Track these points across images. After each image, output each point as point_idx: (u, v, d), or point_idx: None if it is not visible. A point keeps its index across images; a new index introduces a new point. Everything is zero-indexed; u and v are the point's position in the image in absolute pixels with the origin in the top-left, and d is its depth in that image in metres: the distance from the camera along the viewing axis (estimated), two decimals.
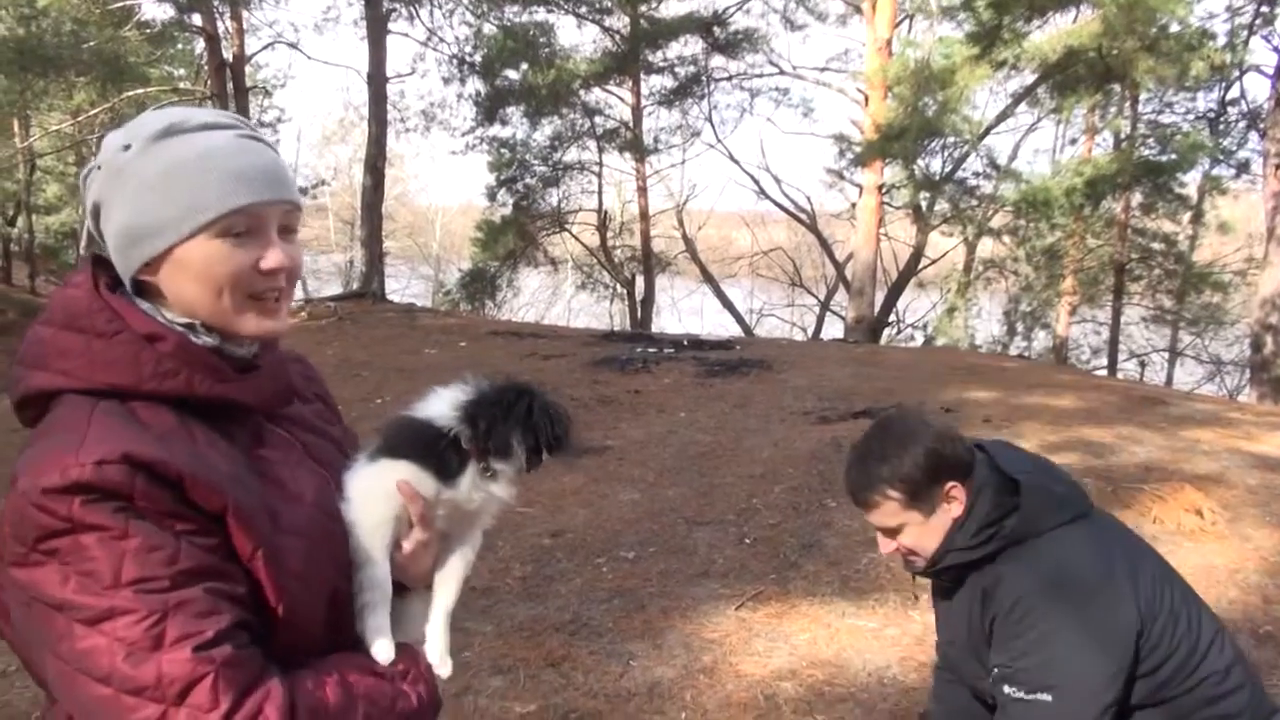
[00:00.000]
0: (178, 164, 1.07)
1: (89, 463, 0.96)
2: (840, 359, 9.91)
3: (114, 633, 0.94)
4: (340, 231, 35.91)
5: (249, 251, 1.09)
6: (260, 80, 21.33)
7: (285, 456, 1.18)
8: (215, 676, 0.95)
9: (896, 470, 1.86)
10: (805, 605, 4.19)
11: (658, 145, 20.65)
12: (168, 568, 0.97)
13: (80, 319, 1.08)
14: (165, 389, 1.07)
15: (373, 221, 15.66)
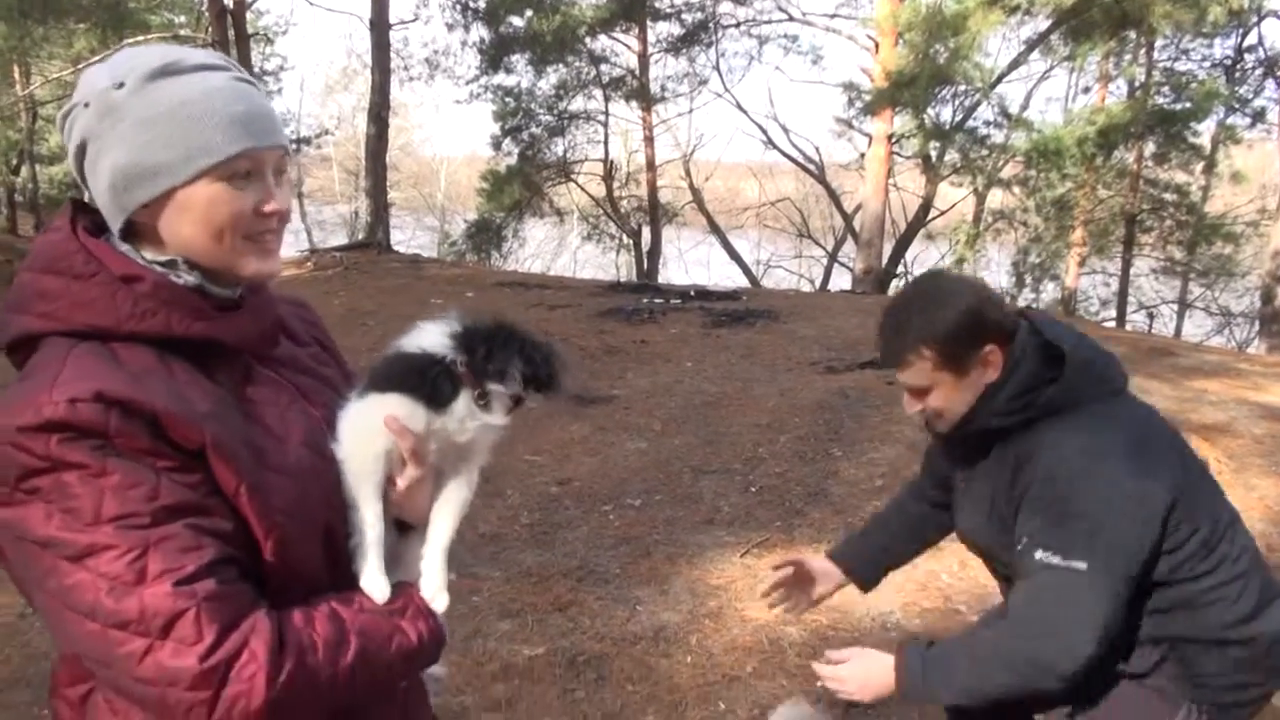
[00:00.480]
0: (179, 105, 1.05)
1: (62, 400, 0.97)
2: (847, 310, 9.88)
3: (97, 568, 0.95)
4: (345, 182, 35.69)
5: (249, 195, 1.10)
6: (261, 27, 21.05)
7: (275, 397, 1.17)
8: (197, 611, 0.96)
9: (934, 329, 1.77)
10: (810, 552, 4.19)
11: (664, 94, 20.39)
12: (148, 503, 0.97)
13: (59, 262, 1.08)
14: (143, 329, 1.07)
15: (377, 171, 15.55)
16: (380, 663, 1.10)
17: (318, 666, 1.02)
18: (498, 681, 3.34)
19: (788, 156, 22.05)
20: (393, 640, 1.12)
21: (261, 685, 0.97)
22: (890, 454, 5.20)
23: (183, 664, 0.95)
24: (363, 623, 1.10)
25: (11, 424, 0.96)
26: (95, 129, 1.06)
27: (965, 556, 4.06)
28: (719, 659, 3.44)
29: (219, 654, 0.96)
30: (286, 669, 0.99)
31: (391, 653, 1.11)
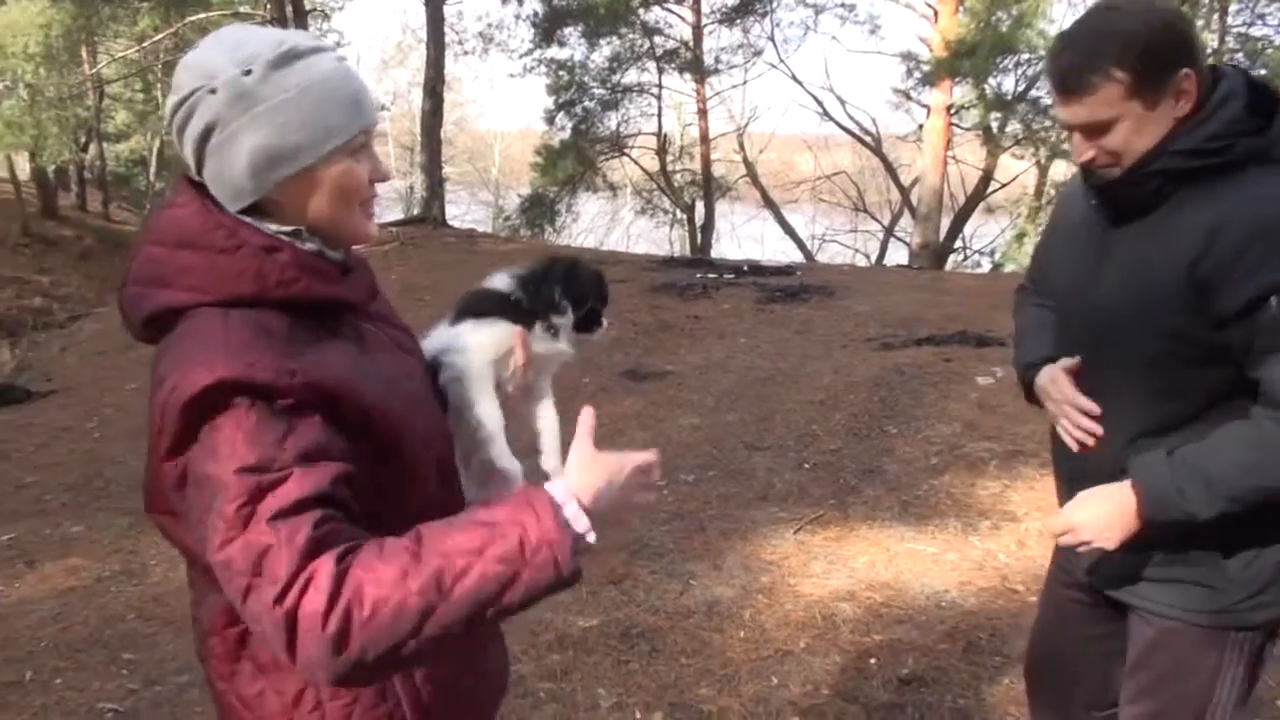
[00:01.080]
0: (308, 88, 1.14)
1: (240, 362, 1.06)
2: (904, 285, 9.76)
3: (219, 513, 1.03)
4: (400, 157, 35.99)
5: (366, 166, 1.22)
6: (318, 3, 21.25)
7: (382, 346, 1.30)
8: (281, 547, 1.00)
9: (1129, 45, 1.50)
10: (864, 529, 4.21)
11: (718, 66, 20.19)
12: (275, 451, 1.04)
13: (197, 237, 1.15)
14: (289, 294, 1.16)
15: (432, 146, 15.67)
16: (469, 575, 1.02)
17: (379, 600, 0.99)
18: (553, 651, 3.40)
19: (844, 129, 21.72)
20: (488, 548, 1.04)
21: (320, 619, 0.98)
22: (946, 431, 5.14)
23: (267, 601, 0.99)
24: (449, 544, 1.04)
25: (195, 382, 1.05)
26: (226, 114, 1.13)
27: (1023, 536, 4.03)
28: (772, 634, 3.46)
29: (290, 594, 0.99)
30: (339, 610, 0.98)
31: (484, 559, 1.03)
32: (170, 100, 1.17)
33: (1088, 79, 1.54)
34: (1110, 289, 1.67)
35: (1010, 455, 4.79)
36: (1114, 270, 1.67)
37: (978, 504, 4.37)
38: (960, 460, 4.81)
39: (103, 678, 3.38)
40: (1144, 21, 1.52)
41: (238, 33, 1.17)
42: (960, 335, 6.93)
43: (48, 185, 19.88)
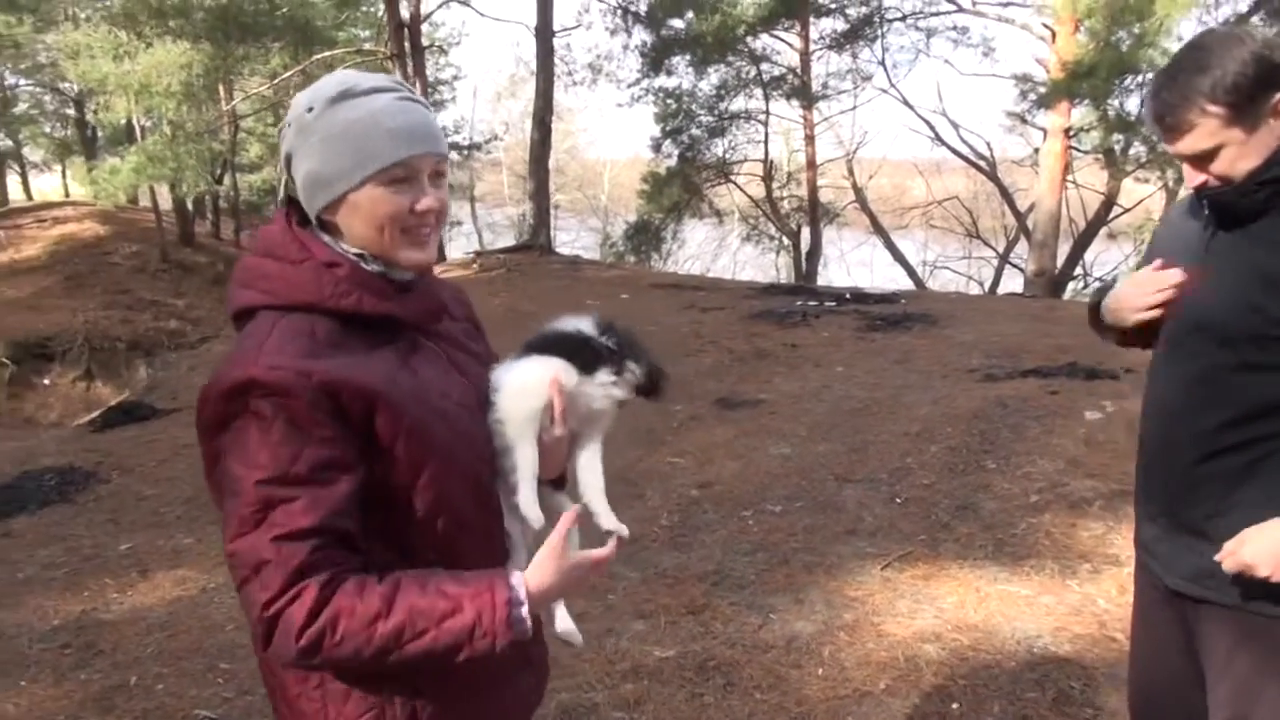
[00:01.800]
0: (350, 124, 1.27)
1: (264, 364, 1.19)
2: (1013, 314, 9.43)
3: (237, 509, 1.19)
4: (514, 185, 36.90)
5: (406, 196, 1.30)
6: (437, 39, 22.07)
7: (435, 365, 1.38)
8: (275, 565, 1.17)
9: (1220, 80, 1.62)
10: (955, 568, 4.06)
11: (826, 91, 20.04)
12: (290, 464, 1.18)
13: (277, 249, 1.32)
14: (341, 306, 1.29)
15: (540, 175, 16.01)
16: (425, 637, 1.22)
17: (349, 630, 1.19)
18: (627, 681, 3.39)
19: (956, 153, 21.23)
20: (445, 621, 1.23)
21: (293, 638, 1.18)
22: (1049, 468, 4.93)
23: (258, 599, 1.18)
24: (421, 603, 1.23)
25: (230, 376, 1.20)
26: (295, 144, 1.31)
27: (1125, 581, 3.82)
28: (851, 673, 3.36)
29: (275, 606, 1.18)
30: (317, 625, 1.18)
31: (441, 630, 1.22)
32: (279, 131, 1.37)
33: (1184, 118, 1.66)
34: (1210, 287, 1.74)
35: (1116, 495, 4.55)
36: (1217, 271, 1.74)
37: (1078, 545, 4.17)
38: (1062, 499, 4.60)
39: (200, 685, 3.55)
40: (1231, 57, 1.62)
41: (333, 76, 1.33)
42: (1069, 367, 6.64)
43: (186, 214, 21.13)
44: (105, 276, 18.82)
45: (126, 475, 6.19)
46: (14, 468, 6.52)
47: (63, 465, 6.39)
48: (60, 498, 5.76)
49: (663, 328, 9.44)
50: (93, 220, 21.16)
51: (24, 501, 5.72)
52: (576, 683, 3.38)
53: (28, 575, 4.67)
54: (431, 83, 23.24)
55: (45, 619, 4.14)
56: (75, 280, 17.91)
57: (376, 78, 1.33)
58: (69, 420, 12.38)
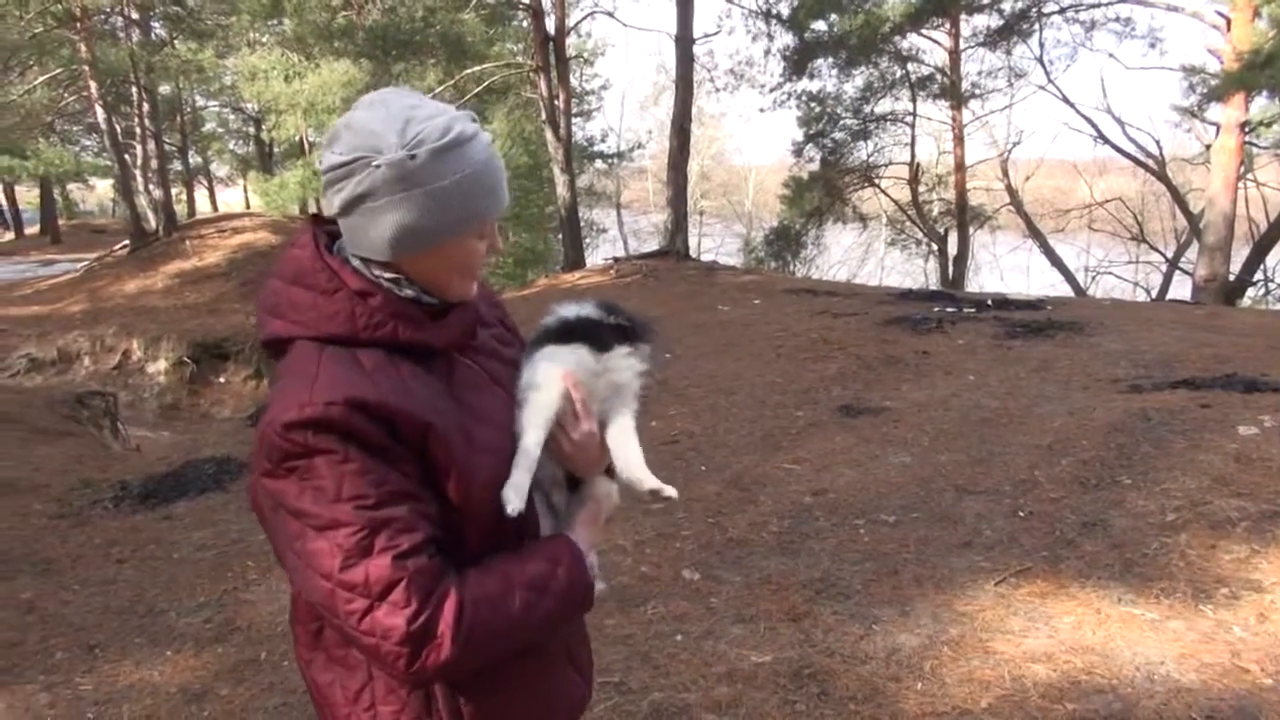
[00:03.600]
0: (460, 180, 1.24)
1: (320, 402, 1.19)
2: (1170, 322, 8.83)
3: (334, 540, 1.17)
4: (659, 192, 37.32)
5: (485, 242, 1.35)
6: (583, 50, 22.57)
7: (475, 384, 1.38)
8: (409, 581, 1.18)
9: None
10: (1075, 587, 3.86)
11: (976, 91, 19.35)
12: (378, 489, 1.19)
13: (306, 277, 1.30)
14: (376, 337, 1.28)
15: (678, 181, 16.12)
16: (542, 606, 1.30)
17: (489, 619, 1.23)
18: (722, 684, 3.39)
19: (1122, 152, 20.07)
20: (549, 583, 1.31)
21: (449, 641, 1.19)
22: (1190, 485, 4.60)
23: (394, 623, 1.17)
24: (526, 575, 1.30)
25: (279, 418, 1.19)
26: (384, 189, 1.23)
27: (1266, 609, 3.55)
28: (952, 689, 3.25)
29: (422, 618, 1.18)
30: (465, 627, 1.20)
31: (549, 596, 1.31)
32: (328, 156, 1.27)
33: None
34: None
35: (1266, 517, 4.21)
36: None
37: (1216, 569, 3.88)
38: (1202, 518, 4.28)
39: None
40: None
41: (404, 109, 1.25)
42: (1226, 379, 6.17)
43: None
44: None
45: None
46: (180, 457, 7.11)
47: (221, 455, 6.92)
48: (216, 485, 6.24)
49: (791, 333, 9.35)
50: (266, 230, 22.75)
51: (186, 488, 6.24)
52: (670, 683, 3.41)
53: (182, 555, 5.09)
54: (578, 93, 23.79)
55: (193, 596, 4.51)
56: (249, 286, 19.30)
57: (466, 116, 1.28)
58: (239, 416, 13.37)
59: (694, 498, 5.19)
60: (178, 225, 22.70)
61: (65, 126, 29.94)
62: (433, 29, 15.67)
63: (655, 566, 4.34)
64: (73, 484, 6.76)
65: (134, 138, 22.44)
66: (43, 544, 5.56)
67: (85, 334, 16.76)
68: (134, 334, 16.77)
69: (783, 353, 8.55)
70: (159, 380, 16.21)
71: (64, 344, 16.41)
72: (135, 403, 15.17)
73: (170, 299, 18.80)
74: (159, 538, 5.54)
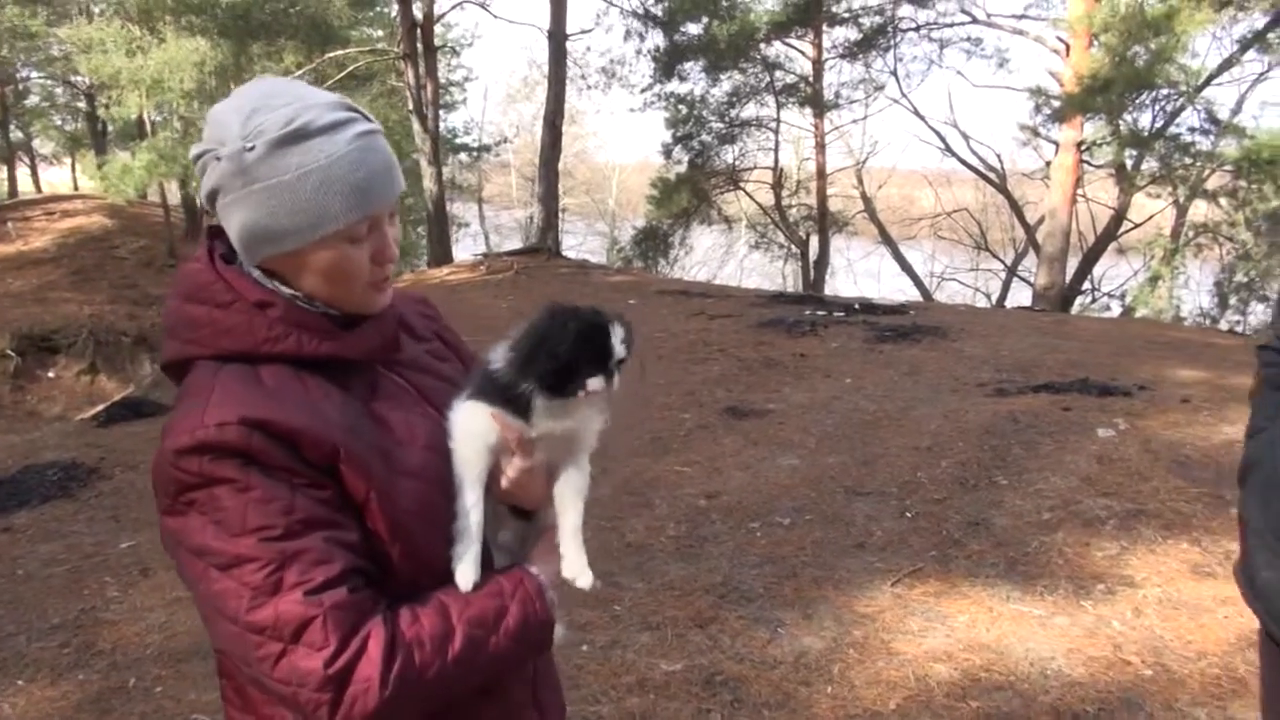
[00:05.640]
0: (303, 175, 1.10)
1: (211, 424, 1.06)
2: (1023, 328, 9.36)
3: (240, 578, 1.04)
4: (522, 188, 36.98)
5: (366, 249, 1.18)
6: (450, 40, 22.08)
7: (400, 401, 1.25)
8: (324, 618, 1.04)
9: None
10: (966, 586, 4.01)
11: (838, 100, 20.05)
12: (284, 517, 1.06)
13: (201, 291, 1.17)
14: (278, 350, 1.15)
15: (549, 178, 16.00)
16: (490, 647, 1.15)
17: (426, 661, 1.09)
18: (633, 694, 3.34)
19: (967, 165, 21.21)
20: (501, 623, 1.17)
21: (376, 686, 1.05)
22: (1061, 485, 4.87)
23: (311, 666, 1.03)
24: (472, 612, 1.15)
25: (171, 447, 1.07)
26: (227, 183, 1.12)
27: (1140, 604, 3.78)
28: (861, 692, 3.31)
29: (341, 659, 1.04)
30: (397, 668, 1.06)
31: (500, 635, 1.16)
32: (191, 150, 1.18)
33: None
34: None
35: (1130, 515, 4.49)
36: None
37: (1092, 566, 4.11)
38: (1075, 517, 4.54)
39: (199, 689, 3.50)
40: None
41: (258, 97, 1.13)
42: (1082, 383, 6.57)
43: (195, 210, 21.13)
44: (112, 270, 18.86)
45: (130, 471, 6.14)
46: (16, 462, 6.49)
47: (65, 460, 6.35)
48: (62, 493, 5.72)
49: (670, 334, 9.40)
50: (101, 214, 21.23)
51: (26, 496, 5.68)
52: (581, 695, 3.33)
53: (28, 572, 4.63)
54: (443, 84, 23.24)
55: (44, 617, 4.10)
56: (82, 274, 17.95)
57: (330, 108, 1.13)
58: (73, 414, 12.38)
59: (588, 502, 5.11)
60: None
61: None
62: (296, 9, 14.94)
63: None
64: None
65: None
66: None
67: None
68: None
69: (663, 354, 8.58)
70: None
71: None
72: None
73: None
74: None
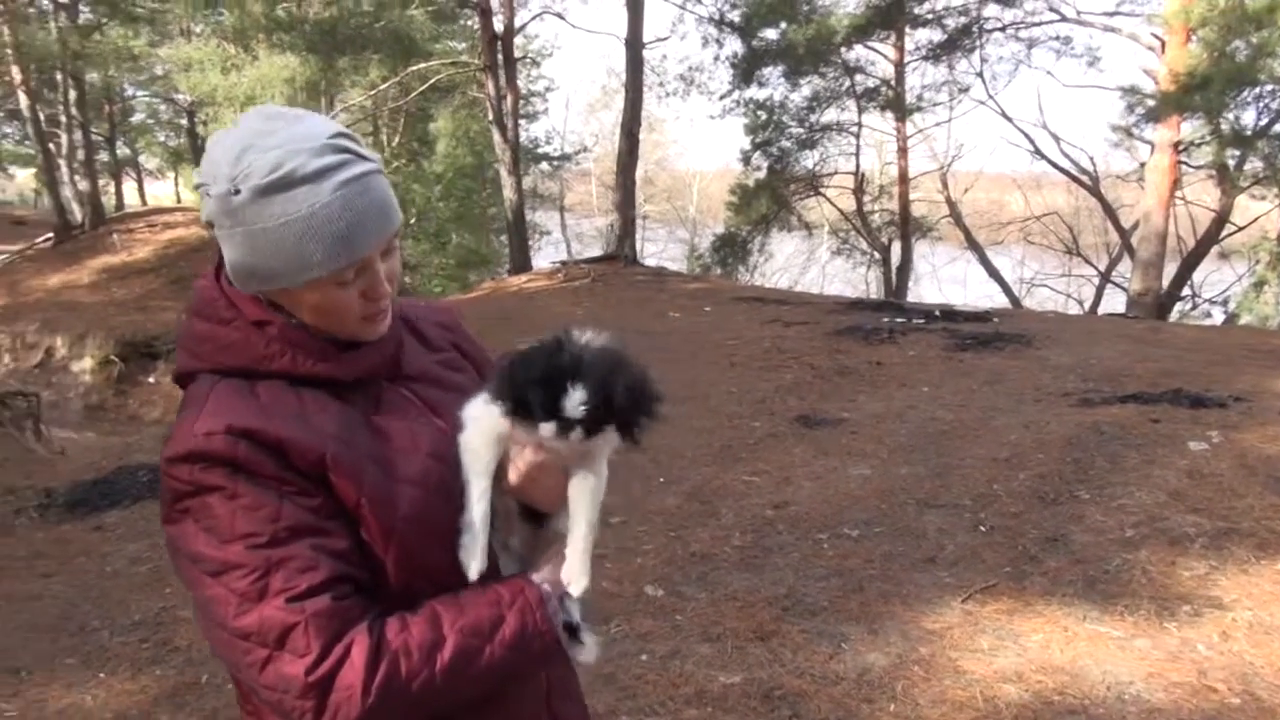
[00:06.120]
0: (285, 225, 1.10)
1: (200, 434, 1.10)
2: (1114, 335, 9.00)
3: (228, 584, 1.07)
4: (602, 196, 37.23)
5: (355, 288, 1.18)
6: (530, 51, 22.38)
7: (403, 413, 1.25)
8: (305, 625, 1.05)
9: None
10: (1041, 604, 3.85)
11: (921, 104, 19.65)
12: (271, 524, 1.08)
13: (207, 307, 1.21)
14: (274, 368, 1.18)
15: (626, 186, 16.03)
16: (484, 657, 1.13)
17: (413, 670, 1.08)
18: (691, 706, 3.30)
19: (1057, 167, 20.53)
20: (497, 633, 1.15)
21: (358, 694, 1.06)
22: (1147, 500, 4.65)
23: (293, 673, 1.05)
24: (465, 621, 1.14)
25: (165, 455, 1.12)
26: (217, 219, 1.14)
27: (1229, 627, 3.58)
28: (925, 711, 3.21)
29: (323, 667, 1.05)
30: (380, 677, 1.06)
31: (495, 645, 1.14)
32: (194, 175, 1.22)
33: None
34: None
35: (1221, 534, 4.26)
36: None
37: (1177, 586, 3.91)
38: (1161, 535, 4.32)
39: None
40: None
41: (251, 134, 1.12)
42: (1173, 394, 6.28)
43: None
44: None
45: None
46: (111, 463, 6.79)
47: (156, 462, 6.59)
48: (151, 494, 5.93)
49: (744, 341, 9.32)
50: (199, 226, 22.05)
51: (118, 496, 5.93)
52: (638, 705, 3.31)
53: (115, 569, 4.83)
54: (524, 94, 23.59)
55: (127, 613, 4.26)
56: (181, 283, 18.67)
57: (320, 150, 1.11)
58: (170, 418, 12.90)
59: (654, 511, 5.09)
60: (105, 218, 21.85)
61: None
62: (380, 24, 15.33)
63: (617, 582, 4.23)
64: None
65: (59, 126, 21.56)
66: None
67: (5, 330, 16.05)
68: (57, 331, 16.12)
69: (736, 361, 8.51)
70: (84, 379, 15.59)
71: None
72: (59, 403, 14.55)
73: (96, 295, 18.08)
74: (89, 549, 5.25)
